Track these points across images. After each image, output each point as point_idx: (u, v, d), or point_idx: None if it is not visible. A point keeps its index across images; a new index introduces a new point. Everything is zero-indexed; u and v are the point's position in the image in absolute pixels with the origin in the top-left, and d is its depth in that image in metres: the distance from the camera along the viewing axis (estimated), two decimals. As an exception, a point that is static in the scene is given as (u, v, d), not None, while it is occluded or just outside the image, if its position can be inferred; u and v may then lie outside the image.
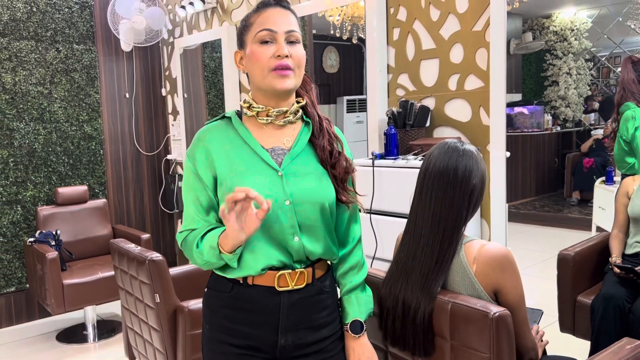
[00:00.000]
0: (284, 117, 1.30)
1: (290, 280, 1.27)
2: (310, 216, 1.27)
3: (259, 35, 1.24)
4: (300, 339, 1.30)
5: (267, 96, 1.29)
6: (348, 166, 1.33)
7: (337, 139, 1.35)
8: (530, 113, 6.32)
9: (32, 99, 3.94)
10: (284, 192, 1.25)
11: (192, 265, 2.68)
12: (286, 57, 1.23)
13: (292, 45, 1.26)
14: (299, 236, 1.26)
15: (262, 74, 1.25)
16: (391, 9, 2.84)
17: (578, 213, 5.67)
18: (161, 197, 4.68)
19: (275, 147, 1.30)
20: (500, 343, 1.30)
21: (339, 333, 1.38)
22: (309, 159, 1.31)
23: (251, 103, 1.32)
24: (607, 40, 6.35)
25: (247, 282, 1.28)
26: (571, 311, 2.46)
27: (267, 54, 1.23)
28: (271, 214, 1.21)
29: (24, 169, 3.92)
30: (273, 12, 1.26)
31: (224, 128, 1.32)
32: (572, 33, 6.38)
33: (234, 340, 1.29)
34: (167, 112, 4.70)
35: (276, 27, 1.24)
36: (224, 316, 1.30)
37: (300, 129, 1.34)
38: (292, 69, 1.24)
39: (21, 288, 3.94)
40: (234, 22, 3.82)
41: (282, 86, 1.24)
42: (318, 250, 1.30)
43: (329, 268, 1.39)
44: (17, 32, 3.86)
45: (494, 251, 1.40)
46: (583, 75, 6.57)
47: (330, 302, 1.36)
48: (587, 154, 5.83)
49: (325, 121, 1.35)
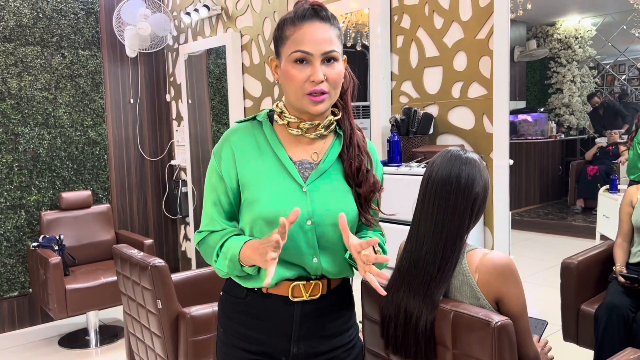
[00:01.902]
0: (315, 130, 1.25)
1: (305, 291, 1.25)
2: (331, 238, 1.23)
3: (293, 55, 1.17)
4: (313, 348, 1.29)
5: (301, 112, 1.24)
6: (375, 185, 1.27)
7: (367, 154, 1.30)
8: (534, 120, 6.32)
9: (37, 104, 3.96)
10: (307, 211, 1.21)
11: (195, 272, 2.68)
12: (321, 82, 1.17)
13: (329, 65, 1.18)
14: (318, 257, 1.24)
15: (295, 96, 1.19)
16: (395, 17, 2.85)
17: (582, 221, 5.65)
18: (164, 202, 4.69)
19: (304, 160, 1.26)
20: (502, 352, 1.29)
21: (352, 342, 1.36)
22: (336, 175, 1.26)
23: (283, 111, 1.26)
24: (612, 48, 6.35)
25: (261, 290, 1.26)
26: (575, 320, 2.44)
27: (302, 76, 1.17)
28: (292, 233, 1.18)
29: (28, 174, 3.94)
30: (311, 29, 1.17)
31: (253, 131, 1.28)
32: (577, 41, 6.39)
33: (248, 345, 1.29)
34: (171, 118, 4.71)
35: (312, 48, 1.16)
36: (238, 322, 1.30)
37: (332, 142, 1.29)
38: (327, 92, 1.18)
39: (24, 292, 3.95)
40: (238, 28, 3.84)
41: (315, 111, 1.19)
42: (335, 270, 1.27)
43: (346, 278, 1.36)
44: (23, 38, 3.89)
45: (496, 260, 1.39)
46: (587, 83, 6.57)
47: (345, 312, 1.34)
48: (591, 162, 5.82)
49: (358, 134, 1.30)
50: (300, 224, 1.20)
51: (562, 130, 6.52)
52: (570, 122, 6.48)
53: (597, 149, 5.83)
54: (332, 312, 1.30)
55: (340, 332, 1.32)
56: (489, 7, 2.44)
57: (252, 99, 3.82)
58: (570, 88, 6.45)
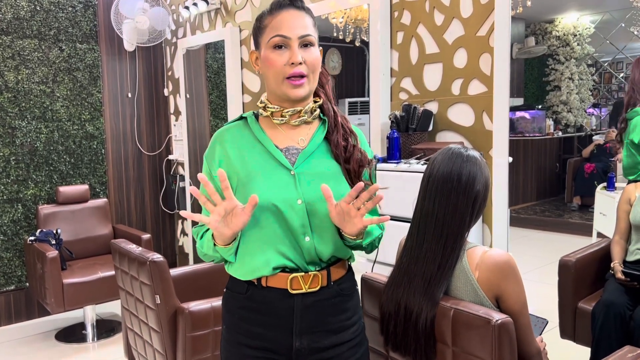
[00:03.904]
0: (298, 116, 1.30)
1: (304, 283, 1.26)
2: (322, 215, 1.25)
3: (272, 40, 1.24)
4: (316, 342, 1.28)
5: (282, 100, 1.29)
6: (363, 159, 1.30)
7: (352, 133, 1.34)
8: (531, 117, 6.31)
9: (35, 98, 3.94)
10: (297, 192, 1.24)
11: (193, 267, 2.68)
12: (300, 64, 1.23)
13: (306, 49, 1.25)
14: (310, 236, 1.25)
15: (276, 80, 1.25)
16: (395, 13, 2.84)
17: (579, 218, 5.67)
18: (162, 197, 4.68)
19: (290, 146, 1.29)
20: (502, 350, 1.29)
21: (358, 339, 1.35)
22: (324, 158, 1.30)
23: (266, 104, 1.32)
24: (610, 46, 6.35)
25: (261, 284, 1.27)
26: (572, 318, 2.45)
27: (281, 60, 1.23)
28: (281, 214, 1.22)
29: (26, 168, 3.92)
30: (287, 15, 1.24)
31: (241, 129, 1.33)
32: (575, 38, 6.38)
33: (251, 341, 1.29)
34: (169, 113, 4.70)
35: (289, 32, 1.23)
36: (240, 317, 1.31)
37: (317, 128, 1.33)
38: (306, 75, 1.24)
39: (21, 287, 3.94)
40: (237, 23, 3.83)
41: (295, 95, 1.24)
42: (329, 251, 1.28)
43: (349, 269, 1.37)
44: (20, 31, 3.86)
45: (497, 257, 1.40)
46: (585, 81, 6.57)
47: (350, 305, 1.34)
48: (588, 159, 5.83)
49: (341, 117, 1.34)
50: (290, 204, 1.23)
51: (560, 128, 6.52)
52: (568, 119, 6.48)
53: (594, 146, 5.84)
54: (333, 305, 1.30)
55: (344, 327, 1.32)
56: (490, 3, 2.43)
57: (250, 94, 3.81)
58: (568, 85, 6.45)
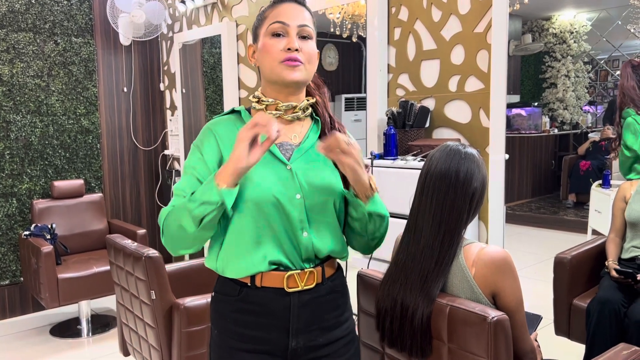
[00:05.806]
0: (292, 112, 1.29)
1: (300, 280, 1.25)
2: (320, 210, 1.25)
3: (271, 27, 1.25)
4: (312, 341, 1.27)
5: (277, 89, 1.28)
6: None
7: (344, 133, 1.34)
8: (528, 115, 6.33)
9: (30, 92, 3.91)
10: (294, 186, 1.23)
11: (189, 262, 2.68)
12: (296, 51, 1.23)
13: (304, 41, 1.25)
14: (307, 231, 1.24)
15: (271, 65, 1.24)
16: (392, 9, 2.83)
17: (574, 215, 5.69)
18: (157, 192, 4.67)
19: (284, 142, 1.28)
20: (497, 347, 1.29)
21: (350, 335, 1.36)
22: (318, 155, 1.29)
23: (260, 97, 1.31)
24: (606, 44, 6.36)
25: (255, 284, 1.25)
26: (567, 315, 2.46)
27: (278, 46, 1.23)
28: (281, 208, 1.21)
29: (20, 162, 3.90)
30: (287, 7, 1.26)
31: (233, 122, 1.31)
32: (572, 35, 6.39)
33: (244, 345, 1.26)
34: (165, 107, 4.68)
35: (289, 20, 1.24)
36: (233, 321, 1.27)
37: (310, 127, 1.33)
38: (302, 62, 1.24)
39: (15, 281, 3.92)
40: (234, 18, 3.81)
41: (290, 77, 1.23)
42: (326, 247, 1.27)
43: (339, 267, 1.37)
44: (15, 24, 3.83)
45: (493, 254, 1.40)
46: (581, 78, 6.58)
47: (342, 302, 1.34)
48: (584, 157, 5.85)
49: (338, 124, 1.35)
50: (289, 198, 1.22)
51: (556, 125, 6.54)
52: (564, 116, 6.50)
53: (589, 143, 5.86)
54: (328, 301, 1.30)
55: (338, 323, 1.32)
56: (487, 0, 2.43)
57: (247, 89, 3.80)
58: (565, 83, 6.47)
